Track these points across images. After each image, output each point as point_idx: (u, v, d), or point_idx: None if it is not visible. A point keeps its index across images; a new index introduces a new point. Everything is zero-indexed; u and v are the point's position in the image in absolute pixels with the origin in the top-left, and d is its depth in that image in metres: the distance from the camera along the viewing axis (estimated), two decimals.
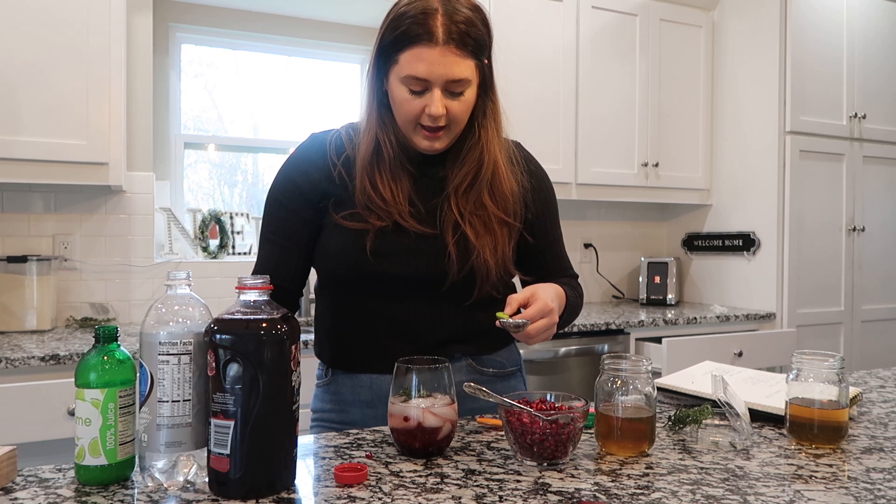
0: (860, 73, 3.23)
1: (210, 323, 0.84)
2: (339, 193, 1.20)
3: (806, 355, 1.09)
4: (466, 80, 1.12)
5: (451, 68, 1.10)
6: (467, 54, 1.11)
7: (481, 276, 1.18)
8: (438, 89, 1.11)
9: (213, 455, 0.82)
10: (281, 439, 0.84)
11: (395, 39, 1.11)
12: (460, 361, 1.23)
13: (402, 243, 1.18)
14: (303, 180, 1.21)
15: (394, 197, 1.17)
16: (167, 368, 0.84)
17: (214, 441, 0.82)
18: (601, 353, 2.68)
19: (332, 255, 1.20)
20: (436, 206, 1.20)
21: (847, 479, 0.90)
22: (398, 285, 1.19)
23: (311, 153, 1.23)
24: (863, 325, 3.27)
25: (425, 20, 1.08)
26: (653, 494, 0.84)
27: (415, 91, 1.12)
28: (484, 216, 1.20)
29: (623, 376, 1.02)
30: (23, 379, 1.81)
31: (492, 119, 1.21)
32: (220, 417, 0.82)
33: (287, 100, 3.19)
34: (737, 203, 3.26)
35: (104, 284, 2.54)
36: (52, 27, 2.14)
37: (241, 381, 0.81)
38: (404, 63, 1.10)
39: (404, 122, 1.15)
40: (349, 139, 1.23)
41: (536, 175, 1.31)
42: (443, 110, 1.11)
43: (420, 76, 1.10)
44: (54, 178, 2.17)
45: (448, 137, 1.17)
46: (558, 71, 2.97)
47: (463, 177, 1.19)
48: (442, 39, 1.08)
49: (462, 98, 1.13)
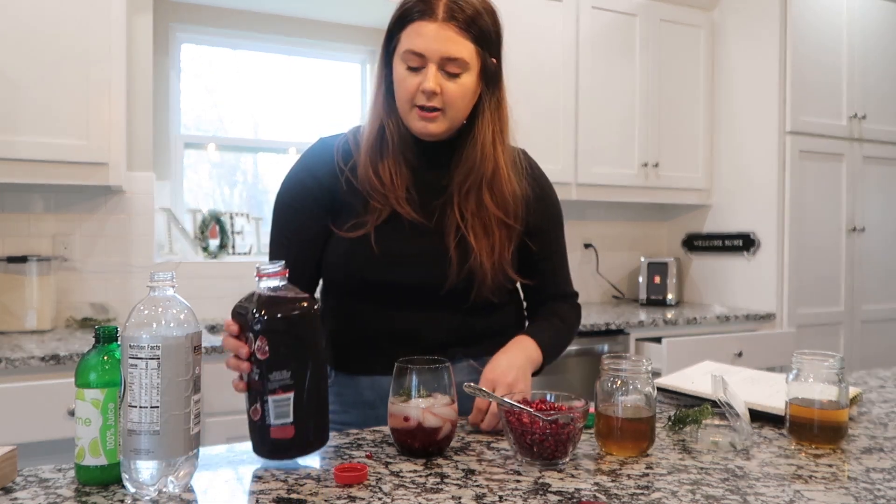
0: (860, 73, 3.23)
1: (254, 311, 0.91)
2: (345, 200, 1.20)
3: (806, 355, 1.09)
4: (463, 61, 1.12)
5: (448, 44, 1.10)
6: (466, 36, 1.11)
7: (478, 280, 1.19)
8: (434, 65, 1.11)
9: (276, 427, 0.91)
10: (325, 398, 0.98)
11: (398, 18, 1.14)
12: (461, 362, 1.23)
13: (401, 246, 1.18)
14: (312, 182, 1.22)
15: (392, 181, 1.17)
16: (136, 373, 0.82)
17: (276, 414, 0.91)
18: (601, 353, 2.68)
19: (332, 264, 1.21)
20: (437, 206, 1.20)
21: (847, 479, 0.90)
22: (399, 292, 1.20)
23: (320, 157, 1.24)
24: (863, 325, 3.27)
25: (428, 0, 1.11)
26: (653, 494, 0.84)
27: (412, 67, 1.12)
28: (484, 217, 1.19)
29: (623, 376, 1.02)
30: (23, 379, 1.81)
31: (496, 118, 1.20)
32: (279, 393, 0.91)
33: (287, 100, 3.19)
34: (737, 203, 3.26)
35: (104, 284, 2.54)
36: (53, 27, 2.14)
37: (294, 355, 0.92)
38: (404, 39, 1.12)
39: (401, 102, 1.15)
40: (356, 144, 1.23)
41: (541, 184, 1.30)
42: (436, 86, 1.11)
43: (417, 50, 1.10)
44: (54, 178, 2.17)
45: (444, 122, 1.15)
46: (558, 71, 2.97)
47: (464, 175, 1.19)
48: (441, 16, 1.10)
49: (458, 80, 1.13)
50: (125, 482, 0.83)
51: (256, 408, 0.93)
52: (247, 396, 0.95)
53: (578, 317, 1.36)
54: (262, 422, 0.92)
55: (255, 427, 0.94)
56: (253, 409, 0.93)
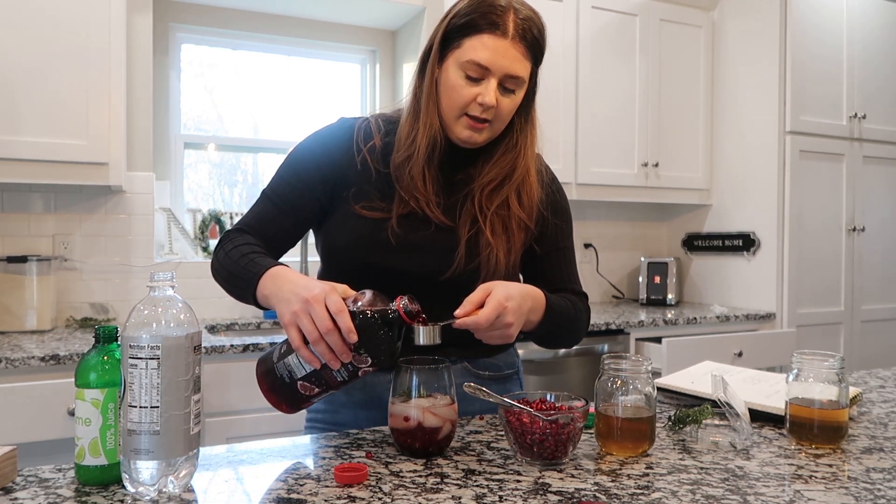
0: (860, 73, 3.23)
1: (395, 355, 0.98)
2: (359, 181, 1.19)
3: (806, 355, 1.09)
4: (522, 80, 1.15)
5: (514, 63, 1.12)
6: (528, 55, 1.14)
7: (486, 274, 1.18)
8: (495, 80, 1.12)
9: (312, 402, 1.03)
10: None
11: (464, 25, 1.12)
12: (456, 364, 1.23)
13: (417, 237, 1.18)
14: (325, 158, 1.21)
15: (426, 185, 1.17)
16: (136, 373, 0.82)
17: (323, 400, 1.06)
18: (601, 353, 2.68)
19: (341, 243, 1.19)
20: (456, 201, 1.21)
21: (847, 479, 0.90)
22: (403, 280, 1.17)
23: (339, 134, 1.23)
24: (863, 325, 3.27)
25: (499, 13, 1.11)
26: (653, 494, 0.84)
27: (471, 78, 1.12)
28: (505, 217, 1.20)
29: (623, 376, 1.02)
30: (23, 379, 1.81)
31: (531, 127, 1.23)
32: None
33: (287, 100, 3.19)
34: (737, 203, 3.26)
35: (104, 284, 2.54)
36: (52, 27, 2.14)
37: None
38: (468, 48, 1.12)
39: (451, 108, 1.15)
40: (378, 128, 1.23)
41: (553, 187, 1.31)
42: (495, 101, 1.12)
43: (483, 63, 1.11)
44: (54, 178, 2.17)
45: (489, 132, 1.17)
46: (558, 71, 2.97)
47: (494, 176, 1.20)
48: (511, 34, 1.11)
49: (513, 96, 1.15)
50: (125, 482, 0.83)
51: (313, 388, 0.98)
52: (306, 368, 0.97)
53: (588, 311, 1.31)
54: (305, 396, 0.99)
55: (291, 390, 0.99)
56: (308, 385, 0.98)
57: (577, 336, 1.29)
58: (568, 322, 1.22)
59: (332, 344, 0.91)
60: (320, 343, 0.92)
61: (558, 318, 1.18)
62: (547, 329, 1.17)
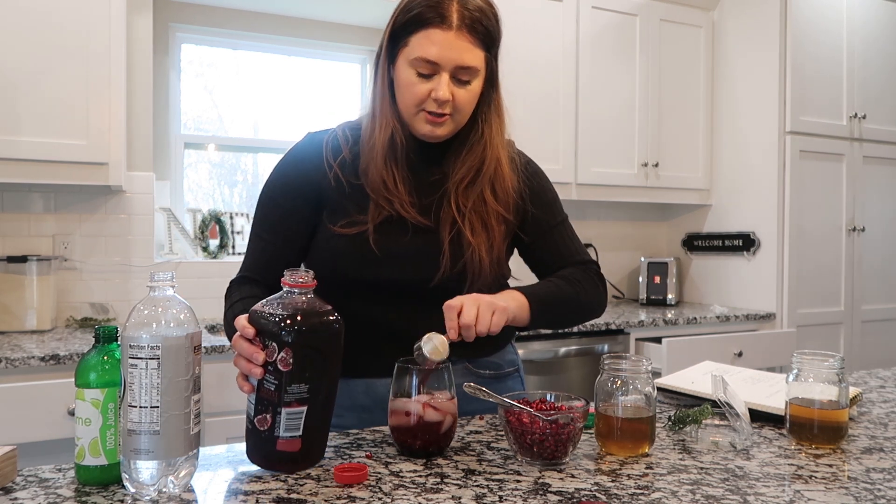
0: (860, 73, 3.23)
1: (281, 322, 0.88)
2: (334, 197, 1.19)
3: (806, 355, 1.09)
4: (475, 69, 1.12)
5: (463, 54, 1.10)
6: (478, 43, 1.11)
7: (473, 275, 1.17)
8: (447, 74, 1.11)
9: (284, 439, 0.90)
10: (331, 415, 0.96)
11: (408, 22, 1.11)
12: (456, 364, 1.23)
13: (399, 245, 1.17)
14: (300, 179, 1.20)
15: (396, 185, 1.16)
16: (136, 373, 0.82)
17: (286, 427, 0.89)
18: (601, 353, 2.68)
19: (324, 260, 1.19)
20: (433, 202, 1.20)
21: (847, 479, 0.90)
22: (391, 289, 1.18)
23: (308, 152, 1.22)
24: (863, 325, 3.27)
25: (439, 4, 1.09)
26: (653, 494, 0.84)
27: (422, 74, 1.11)
28: (483, 212, 1.19)
29: (623, 376, 1.02)
30: (23, 379, 1.81)
31: (496, 115, 1.21)
32: (294, 405, 0.90)
33: (287, 100, 3.19)
34: (737, 203, 3.26)
35: (104, 284, 2.54)
36: (52, 27, 2.14)
37: (315, 369, 0.91)
38: (415, 45, 1.10)
39: (407, 106, 1.15)
40: (346, 140, 1.22)
41: (529, 170, 1.29)
42: (449, 95, 1.11)
43: (430, 58, 1.09)
44: (54, 178, 2.17)
45: (451, 125, 1.16)
46: (558, 71, 2.97)
47: (465, 172, 1.19)
48: (455, 24, 1.09)
49: (469, 87, 1.13)
50: (125, 482, 0.83)
51: (266, 417, 0.90)
52: (253, 402, 0.91)
53: (590, 277, 1.26)
54: (269, 433, 0.90)
55: (258, 435, 0.91)
56: (261, 417, 0.90)
57: (589, 308, 1.25)
58: (562, 303, 1.20)
59: (242, 350, 0.91)
60: (239, 359, 0.92)
61: (545, 298, 1.17)
62: (546, 318, 1.17)
